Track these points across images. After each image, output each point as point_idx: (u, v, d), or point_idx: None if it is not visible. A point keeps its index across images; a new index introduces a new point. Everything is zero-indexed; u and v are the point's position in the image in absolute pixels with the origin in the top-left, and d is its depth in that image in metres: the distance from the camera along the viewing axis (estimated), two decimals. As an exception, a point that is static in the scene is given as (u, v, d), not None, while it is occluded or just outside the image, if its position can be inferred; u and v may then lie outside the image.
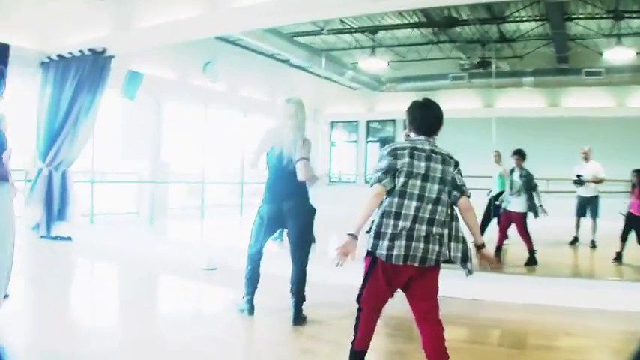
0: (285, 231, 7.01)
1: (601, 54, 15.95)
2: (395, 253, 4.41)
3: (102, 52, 12.75)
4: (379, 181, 4.48)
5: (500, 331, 6.82)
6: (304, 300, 6.76)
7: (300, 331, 6.43)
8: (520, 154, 10.95)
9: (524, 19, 14.82)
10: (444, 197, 4.49)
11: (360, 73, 18.98)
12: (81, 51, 12.81)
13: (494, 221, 11.62)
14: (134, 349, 5.64)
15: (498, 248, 10.98)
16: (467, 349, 5.83)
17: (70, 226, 13.00)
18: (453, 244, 4.51)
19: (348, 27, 16.29)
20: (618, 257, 10.58)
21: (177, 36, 12.11)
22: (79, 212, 13.69)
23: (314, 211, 6.84)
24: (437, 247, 4.47)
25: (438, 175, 4.50)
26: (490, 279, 8.36)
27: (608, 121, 16.69)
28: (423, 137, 4.68)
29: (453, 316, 7.01)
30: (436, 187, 4.48)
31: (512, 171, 11.02)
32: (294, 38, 16.44)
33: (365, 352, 4.70)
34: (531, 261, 10.33)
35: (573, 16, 14.44)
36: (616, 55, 15.40)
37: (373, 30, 16.32)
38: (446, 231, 4.50)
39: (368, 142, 22.30)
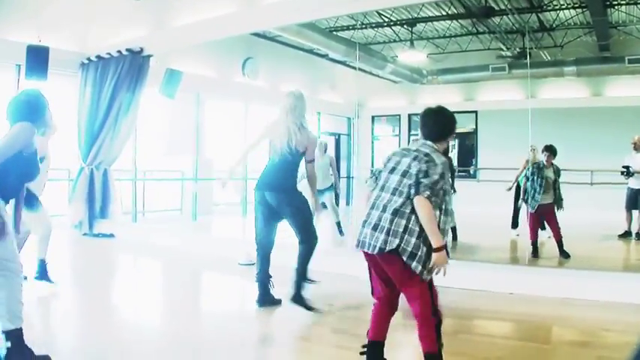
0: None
1: (644, 41, 15.73)
2: (357, 239, 4.72)
3: (139, 52, 12.84)
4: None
5: (535, 327, 6.72)
6: (305, 279, 7.13)
7: (331, 326, 6.44)
8: (551, 151, 10.66)
9: (563, 7, 14.59)
10: (405, 189, 4.54)
11: (400, 66, 18.86)
12: (119, 51, 12.94)
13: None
14: (173, 345, 5.71)
15: (534, 243, 10.69)
16: (500, 345, 5.81)
17: (113, 223, 13.14)
18: (406, 236, 4.46)
19: (387, 20, 16.20)
20: None
21: (214, 33, 12.12)
22: (121, 210, 13.83)
23: (304, 201, 7.18)
24: (382, 236, 4.49)
25: (404, 168, 4.63)
26: (526, 272, 8.31)
27: (654, 110, 16.43)
28: (423, 140, 4.84)
29: (487, 310, 6.97)
30: (397, 178, 4.63)
31: (541, 167, 10.66)
32: (333, 33, 16.39)
33: (378, 344, 4.78)
34: (563, 252, 10.16)
35: (614, 2, 14.20)
36: (659, 41, 15.16)
37: (411, 22, 16.21)
38: (402, 222, 4.49)
39: (410, 135, 22.17)
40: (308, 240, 7.16)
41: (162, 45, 13.23)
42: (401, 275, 4.57)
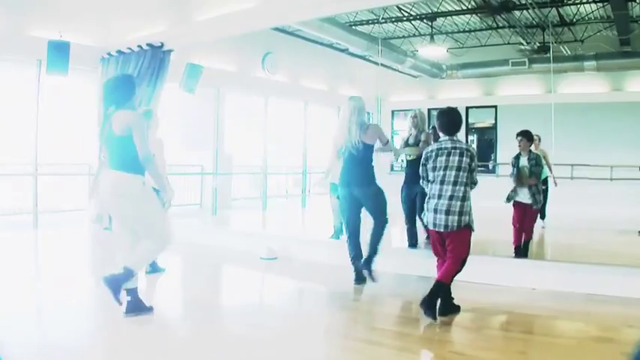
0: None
1: (665, 35, 15.65)
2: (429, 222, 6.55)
3: (160, 47, 12.87)
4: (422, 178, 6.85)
5: (558, 322, 6.72)
6: (376, 253, 8.03)
7: (355, 320, 6.49)
8: (526, 136, 9.76)
9: (584, 1, 14.56)
10: (465, 180, 6.42)
11: (419, 60, 18.85)
12: (139, 46, 12.95)
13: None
14: (197, 338, 5.74)
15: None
16: (523, 340, 5.80)
17: (133, 217, 13.18)
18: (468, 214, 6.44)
19: (407, 14, 16.20)
20: None
21: (234, 28, 12.12)
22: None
23: (380, 190, 8.13)
24: (456, 217, 6.37)
25: (456, 164, 6.41)
26: (550, 268, 8.29)
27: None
28: (449, 137, 6.60)
29: (510, 305, 6.97)
30: (454, 172, 6.41)
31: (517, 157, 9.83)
32: (353, 27, 16.41)
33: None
34: (520, 253, 9.60)
35: (635, -4, 14.18)
36: (680, 35, 15.06)
37: (431, 17, 16.21)
38: (466, 203, 6.41)
39: (430, 129, 22.05)
40: (382, 221, 8.09)
41: (183, 39, 13.25)
42: (463, 236, 6.44)
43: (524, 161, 9.67)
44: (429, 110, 20.94)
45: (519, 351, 5.49)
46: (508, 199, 9.70)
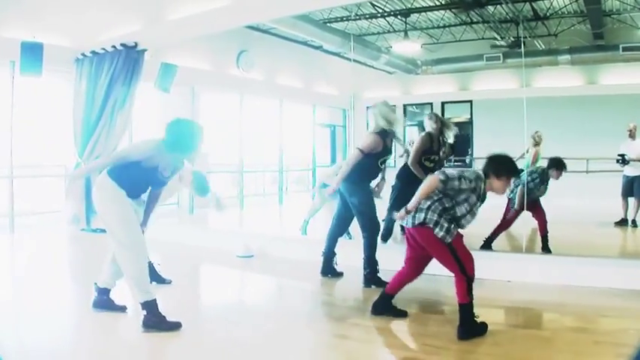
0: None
1: (638, 28, 15.70)
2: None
3: (134, 46, 12.85)
4: None
5: (533, 313, 6.80)
6: (375, 264, 7.86)
7: (330, 315, 6.50)
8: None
9: (557, -5, 14.66)
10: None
11: (394, 57, 18.86)
12: (113, 46, 12.92)
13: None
14: (176, 337, 5.73)
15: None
16: (497, 331, 5.82)
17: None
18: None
19: (380, 11, 16.22)
20: None
21: (208, 27, 12.12)
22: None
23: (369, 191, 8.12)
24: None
25: None
26: (524, 260, 8.35)
27: (648, 98, 16.43)
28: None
29: (486, 298, 6.99)
30: None
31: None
32: (327, 24, 16.41)
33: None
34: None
35: (608, -10, 14.26)
36: (653, 28, 15.15)
37: (405, 13, 16.22)
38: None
39: (406, 125, 22.16)
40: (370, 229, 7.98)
41: (157, 39, 13.24)
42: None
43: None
44: (405, 106, 21.00)
45: (494, 342, 5.51)
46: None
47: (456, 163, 19.27)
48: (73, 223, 12.98)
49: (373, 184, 8.28)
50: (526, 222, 10.06)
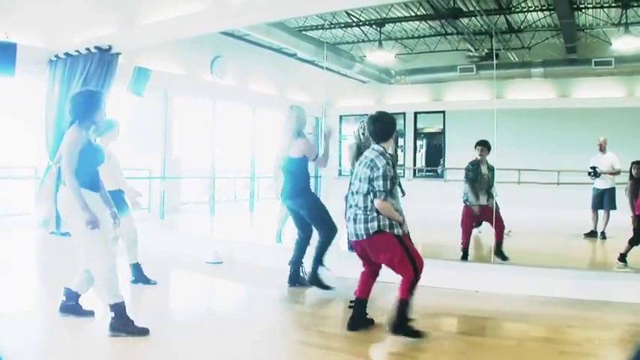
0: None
1: (610, 43, 15.82)
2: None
3: (108, 49, 12.80)
4: None
5: (499, 323, 6.81)
6: (318, 265, 7.94)
7: (296, 322, 6.51)
8: (486, 146, 10.23)
9: (531, 9, 14.71)
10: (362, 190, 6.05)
11: (368, 66, 18.90)
12: (87, 48, 12.85)
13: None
14: (143, 343, 5.69)
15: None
16: (464, 341, 5.88)
17: (80, 222, 13.06)
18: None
19: (355, 20, 16.25)
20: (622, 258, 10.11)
21: (182, 32, 12.10)
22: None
23: (313, 200, 8.23)
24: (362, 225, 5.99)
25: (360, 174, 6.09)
26: (492, 270, 8.38)
27: (619, 112, 16.52)
28: (372, 145, 6.25)
29: (451, 307, 7.02)
30: (357, 183, 6.11)
31: (477, 164, 10.17)
32: (302, 32, 16.43)
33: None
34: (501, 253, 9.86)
35: (581, 6, 14.32)
36: (625, 44, 15.21)
37: (380, 22, 16.27)
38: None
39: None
40: (324, 232, 8.05)
41: (131, 43, 13.19)
42: (380, 242, 5.97)
43: (484, 169, 10.11)
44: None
45: (460, 352, 5.53)
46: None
47: (427, 174, 19.39)
48: (42, 226, 12.88)
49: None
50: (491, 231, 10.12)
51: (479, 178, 10.01)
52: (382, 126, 6.25)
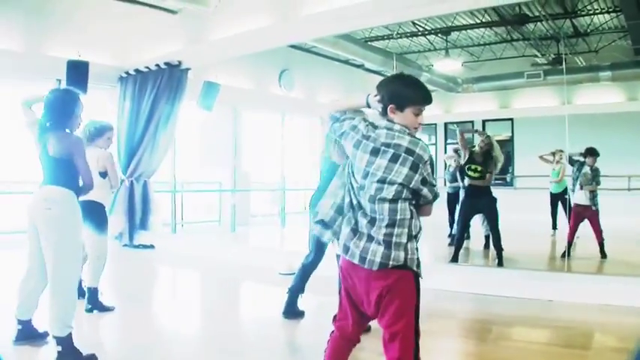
0: None
1: (680, 44, 15.59)
2: None
3: (177, 65, 13.06)
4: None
5: (574, 333, 6.71)
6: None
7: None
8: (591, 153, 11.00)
9: (597, 11, 14.55)
10: None
11: (435, 75, 18.84)
12: (157, 65, 13.16)
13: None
14: (213, 352, 5.83)
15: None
16: (540, 351, 5.86)
17: (152, 235, 13.34)
18: None
19: (421, 29, 16.27)
20: None
21: (250, 47, 12.28)
22: (161, 221, 14.02)
23: None
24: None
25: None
26: (565, 279, 8.33)
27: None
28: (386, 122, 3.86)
29: (527, 317, 7.02)
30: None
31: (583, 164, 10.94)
32: (368, 43, 16.48)
33: None
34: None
35: (648, 6, 14.18)
36: (696, 43, 14.96)
37: (446, 31, 16.25)
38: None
39: (447, 144, 22.09)
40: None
41: (200, 58, 13.43)
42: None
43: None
44: (446, 124, 20.99)
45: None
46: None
47: (497, 182, 19.33)
48: (116, 239, 13.16)
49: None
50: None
51: None
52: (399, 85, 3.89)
